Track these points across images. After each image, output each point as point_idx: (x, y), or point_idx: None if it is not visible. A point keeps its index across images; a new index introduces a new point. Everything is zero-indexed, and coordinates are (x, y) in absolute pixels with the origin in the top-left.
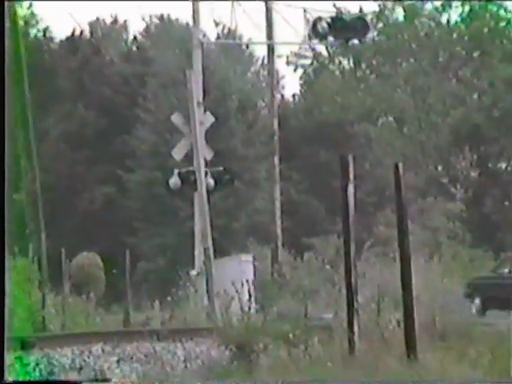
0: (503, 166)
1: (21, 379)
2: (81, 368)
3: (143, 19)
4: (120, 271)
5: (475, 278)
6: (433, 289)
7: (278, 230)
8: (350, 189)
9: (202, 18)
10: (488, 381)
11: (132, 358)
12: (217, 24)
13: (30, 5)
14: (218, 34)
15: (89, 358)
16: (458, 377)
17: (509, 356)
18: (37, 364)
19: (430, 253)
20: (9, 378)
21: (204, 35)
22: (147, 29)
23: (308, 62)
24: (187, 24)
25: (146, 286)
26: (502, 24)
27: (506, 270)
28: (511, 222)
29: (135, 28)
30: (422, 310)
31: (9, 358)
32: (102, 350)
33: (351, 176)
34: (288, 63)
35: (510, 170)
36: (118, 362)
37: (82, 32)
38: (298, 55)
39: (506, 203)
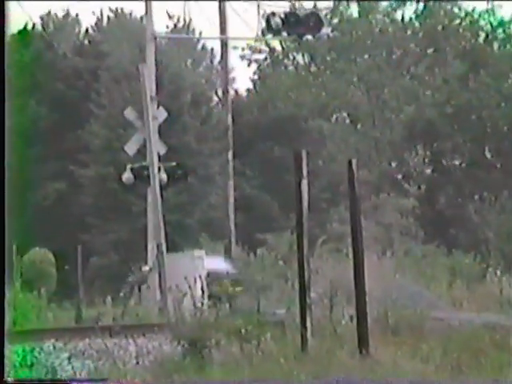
0: (456, 162)
1: (21, 379)
2: (32, 365)
3: (94, 13)
4: (72, 267)
5: None
6: (385, 284)
7: (232, 226)
8: (304, 185)
9: (155, 12)
10: (488, 381)
11: (84, 355)
12: (170, 17)
13: None
14: (171, 28)
15: (40, 354)
16: (411, 372)
17: (460, 350)
18: None
19: (383, 249)
20: (8, 378)
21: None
22: (100, 23)
23: (262, 56)
24: (140, 18)
25: (99, 281)
26: (456, 22)
27: None
28: (464, 218)
29: (87, 22)
30: (375, 306)
31: None
32: (54, 347)
33: (305, 172)
34: (242, 58)
35: (464, 166)
36: (69, 358)
37: (34, 25)
38: (253, 49)
39: (459, 200)
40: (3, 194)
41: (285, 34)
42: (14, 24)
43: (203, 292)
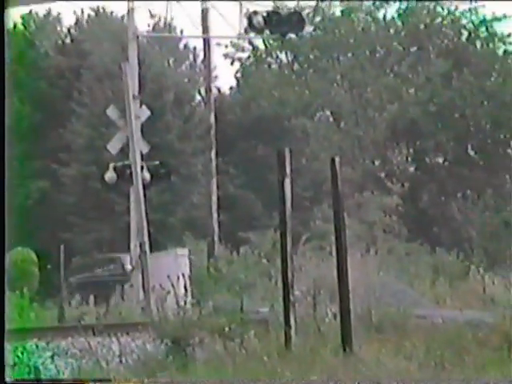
0: (440, 160)
1: (21, 379)
2: (14, 364)
3: (75, 13)
4: (54, 266)
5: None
6: (369, 282)
7: (215, 225)
8: (287, 183)
9: (137, 11)
10: (488, 381)
11: (67, 354)
12: (152, 16)
13: None
14: (153, 27)
15: (22, 354)
16: (394, 370)
17: (443, 347)
18: None
19: (367, 247)
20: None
21: (138, 28)
22: (81, 22)
23: (245, 55)
24: (121, 17)
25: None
26: (439, 20)
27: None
28: (447, 216)
29: (69, 21)
30: (358, 303)
31: None
32: (37, 346)
33: (288, 170)
34: (225, 56)
35: (447, 164)
36: (52, 357)
37: (15, 25)
38: (236, 46)
39: (443, 198)
40: (3, 193)
41: (267, 32)
42: None
43: (186, 290)
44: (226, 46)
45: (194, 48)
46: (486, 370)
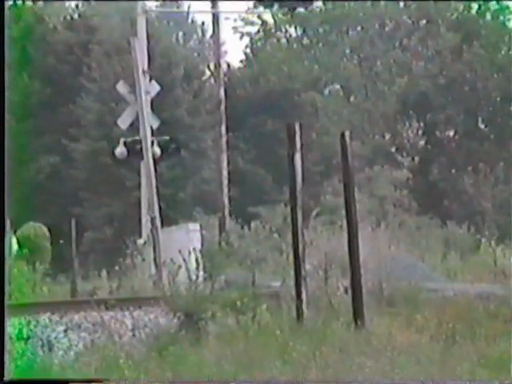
0: (450, 133)
1: (21, 379)
2: (28, 338)
3: None
4: (66, 241)
5: None
6: (380, 256)
7: (225, 200)
8: (297, 158)
9: None
10: (488, 381)
11: (80, 327)
12: None
13: None
14: (161, 2)
15: (36, 327)
16: (405, 343)
17: (454, 320)
18: None
19: (377, 221)
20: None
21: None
22: None
23: (254, 29)
24: None
25: (93, 255)
26: None
27: None
28: (458, 189)
29: None
30: (369, 277)
31: None
32: (50, 320)
33: (298, 145)
34: (234, 30)
35: (457, 138)
36: (65, 331)
37: (23, 0)
38: (245, 20)
39: (453, 171)
40: (3, 190)
41: (276, 7)
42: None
43: (198, 265)
44: (235, 20)
45: (203, 23)
46: (496, 343)
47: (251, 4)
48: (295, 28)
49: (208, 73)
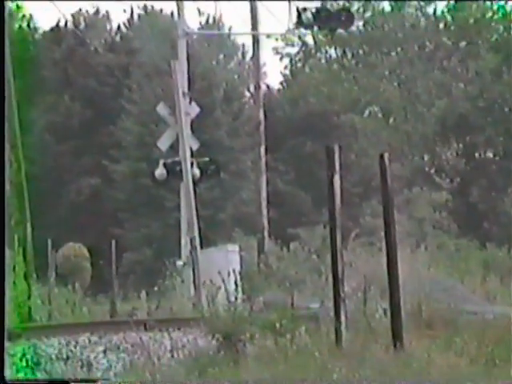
0: (490, 155)
1: (20, 378)
2: (67, 358)
3: (125, 11)
4: (106, 262)
5: None
6: (419, 278)
7: (264, 221)
8: (336, 179)
9: (186, 8)
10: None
11: (119, 348)
12: (200, 14)
13: None
14: (203, 24)
15: (75, 348)
16: (445, 366)
17: (494, 343)
18: (23, 354)
19: (416, 242)
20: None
21: (188, 26)
22: (131, 19)
23: (294, 50)
24: (171, 14)
25: (133, 276)
26: (488, 14)
27: None
28: (497, 211)
29: (118, 19)
30: (408, 299)
31: None
32: (89, 340)
33: (337, 166)
34: (275, 50)
35: (497, 159)
36: (104, 351)
37: (66, 22)
38: (286, 40)
39: (493, 193)
40: (3, 191)
41: (316, 28)
42: (46, 22)
43: (237, 286)
44: (277, 39)
45: (243, 45)
46: None
47: (292, 25)
48: (335, 49)
49: (248, 94)
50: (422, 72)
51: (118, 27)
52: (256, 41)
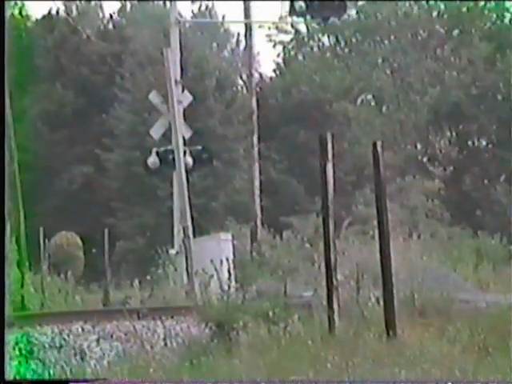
0: (483, 143)
1: (21, 379)
2: (61, 346)
3: None
4: (99, 251)
5: None
6: (411, 266)
7: (257, 209)
8: (329, 168)
9: None
10: (488, 381)
11: (112, 337)
12: (193, 2)
13: None
14: (194, 12)
15: (68, 336)
16: (437, 354)
17: (486, 332)
18: (16, 343)
19: (409, 231)
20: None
21: (181, 14)
22: (123, 7)
23: (287, 38)
24: (163, 2)
25: (126, 265)
26: (481, 3)
27: None
28: (490, 199)
29: (110, 7)
30: (401, 287)
31: None
32: (82, 329)
33: (330, 155)
34: (268, 37)
35: (490, 147)
36: (97, 340)
37: (58, 11)
38: (279, 27)
39: (485, 181)
40: (3, 191)
41: (309, 17)
42: (38, 10)
43: (230, 275)
44: (269, 28)
45: (238, 34)
46: None
47: (284, 13)
48: (328, 37)
49: (240, 83)
50: (415, 60)
51: (111, 16)
52: (249, 29)
